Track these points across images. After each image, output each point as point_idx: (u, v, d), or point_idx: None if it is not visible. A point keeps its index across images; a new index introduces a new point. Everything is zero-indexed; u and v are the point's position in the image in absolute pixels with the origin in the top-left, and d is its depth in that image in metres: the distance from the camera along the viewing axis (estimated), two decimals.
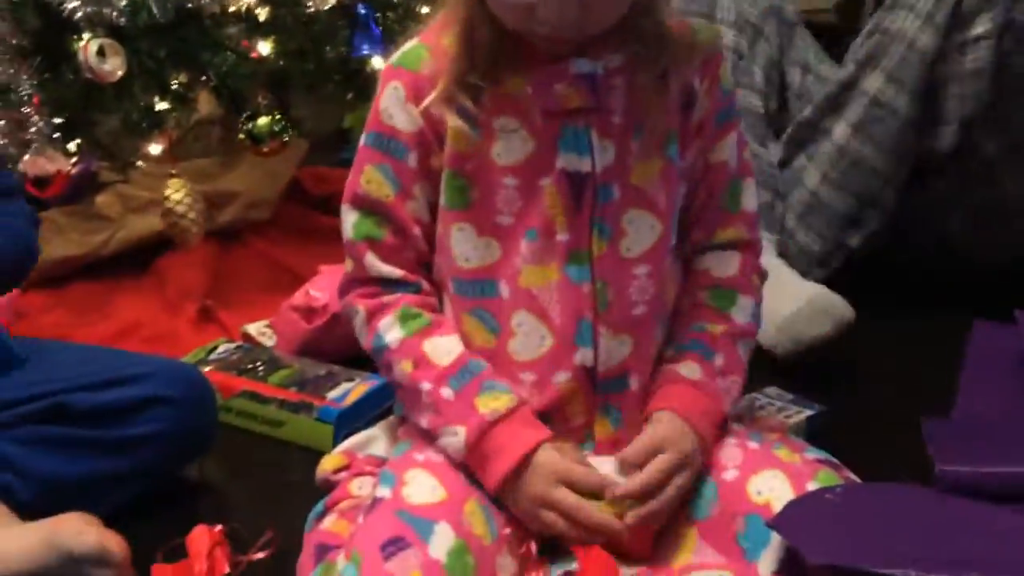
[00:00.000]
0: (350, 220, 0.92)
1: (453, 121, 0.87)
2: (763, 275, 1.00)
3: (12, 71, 1.41)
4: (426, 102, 0.87)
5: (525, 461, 0.85)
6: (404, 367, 0.89)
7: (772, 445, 0.91)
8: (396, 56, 0.92)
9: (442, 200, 0.90)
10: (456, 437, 0.86)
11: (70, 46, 1.43)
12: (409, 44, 0.92)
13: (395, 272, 0.91)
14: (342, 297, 0.95)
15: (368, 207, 0.91)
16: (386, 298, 0.91)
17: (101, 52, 1.38)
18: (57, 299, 1.65)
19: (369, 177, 0.90)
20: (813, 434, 1.14)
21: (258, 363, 1.39)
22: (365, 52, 1.46)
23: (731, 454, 0.89)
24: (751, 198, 0.97)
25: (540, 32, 0.83)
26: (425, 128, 0.89)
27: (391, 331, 0.90)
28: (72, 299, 1.65)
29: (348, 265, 0.94)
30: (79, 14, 1.37)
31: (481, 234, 0.89)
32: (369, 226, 0.91)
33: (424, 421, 0.89)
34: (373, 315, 0.91)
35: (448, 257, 0.91)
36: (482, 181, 0.89)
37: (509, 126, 0.88)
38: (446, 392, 0.87)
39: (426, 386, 0.88)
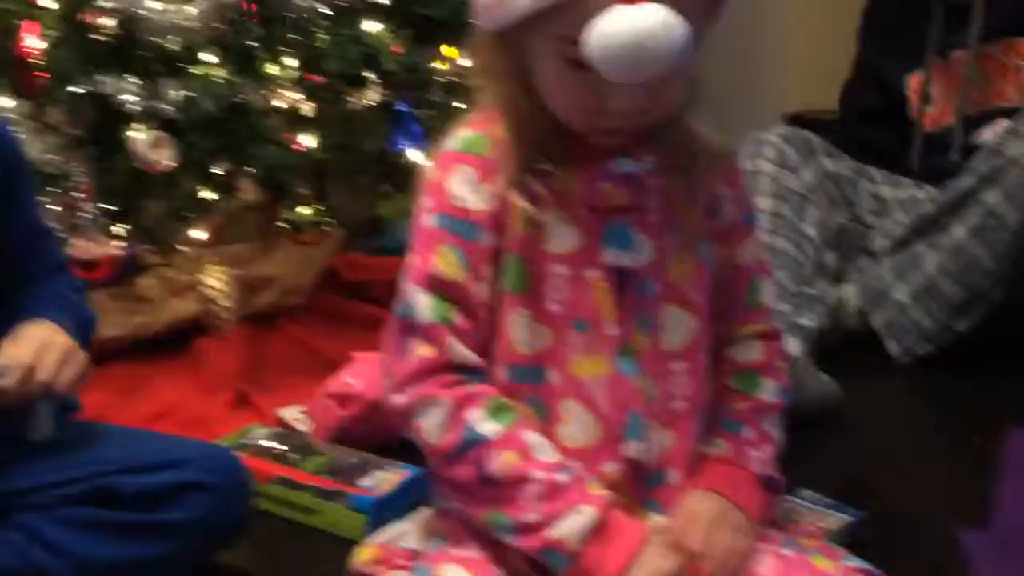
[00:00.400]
0: (423, 303, 0.90)
1: (520, 204, 0.89)
2: (787, 359, 1.04)
3: (67, 159, 1.48)
4: (497, 184, 0.89)
5: (640, 548, 0.86)
6: (508, 459, 0.87)
7: (808, 552, 0.91)
8: (456, 143, 0.93)
9: (504, 284, 0.91)
10: (583, 516, 0.86)
11: (123, 137, 1.49)
12: (465, 132, 0.94)
13: (473, 357, 0.90)
14: (409, 386, 0.90)
15: (441, 289, 0.90)
16: (470, 388, 0.89)
17: (151, 144, 1.44)
18: (98, 380, 1.66)
19: (442, 258, 0.91)
20: (851, 541, 1.13)
21: (292, 449, 1.40)
22: (403, 147, 1.51)
23: (766, 562, 0.89)
24: (768, 294, 1.04)
25: (604, 125, 0.87)
26: (496, 210, 0.90)
27: (485, 424, 0.88)
28: (113, 380, 1.68)
29: (423, 350, 0.90)
30: (135, 108, 1.43)
31: (536, 320, 0.91)
32: (444, 309, 0.90)
33: (530, 513, 0.87)
34: (460, 406, 0.89)
35: (505, 342, 0.91)
36: (536, 268, 0.91)
37: (559, 217, 0.91)
38: (562, 478, 0.87)
39: (539, 475, 0.87)
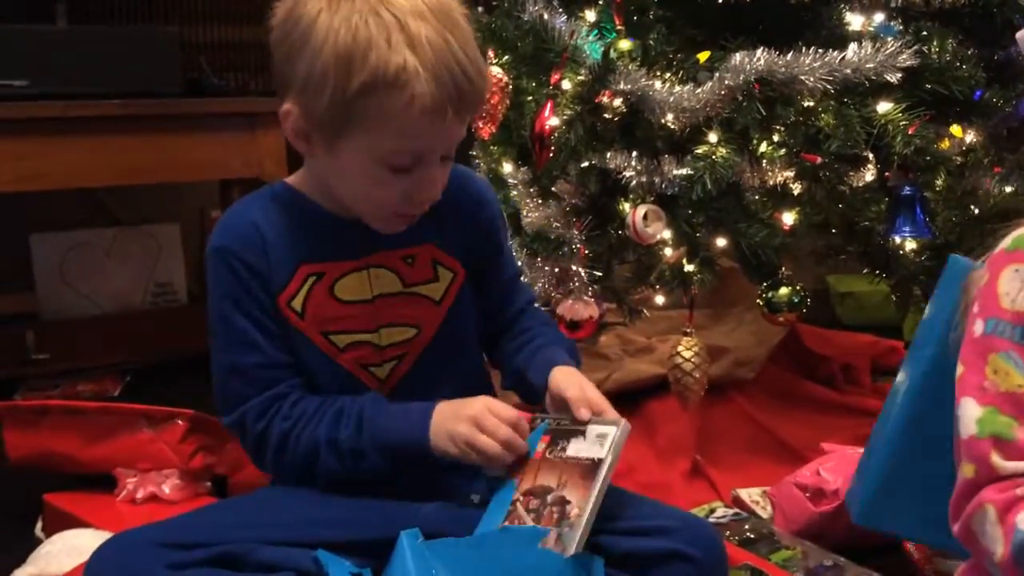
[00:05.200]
0: (973, 415, 0.84)
1: None
2: None
3: (565, 227, 1.58)
4: None
5: None
6: None
7: None
8: (1009, 241, 0.88)
9: None
10: None
11: (618, 208, 1.56)
12: (1022, 231, 0.88)
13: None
14: (966, 502, 0.84)
15: (996, 402, 0.84)
16: (1020, 490, 0.81)
17: (645, 216, 1.49)
18: None
19: (995, 367, 0.84)
20: None
21: (758, 537, 1.37)
22: (906, 234, 1.42)
23: None
24: None
25: None
26: None
27: None
28: None
29: (967, 470, 0.84)
30: (634, 182, 1.49)
31: None
32: (998, 423, 0.83)
33: None
34: (1008, 510, 0.81)
35: None
36: None
37: None
38: None
39: None
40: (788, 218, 1.55)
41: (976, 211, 1.53)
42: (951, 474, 0.91)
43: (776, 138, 1.50)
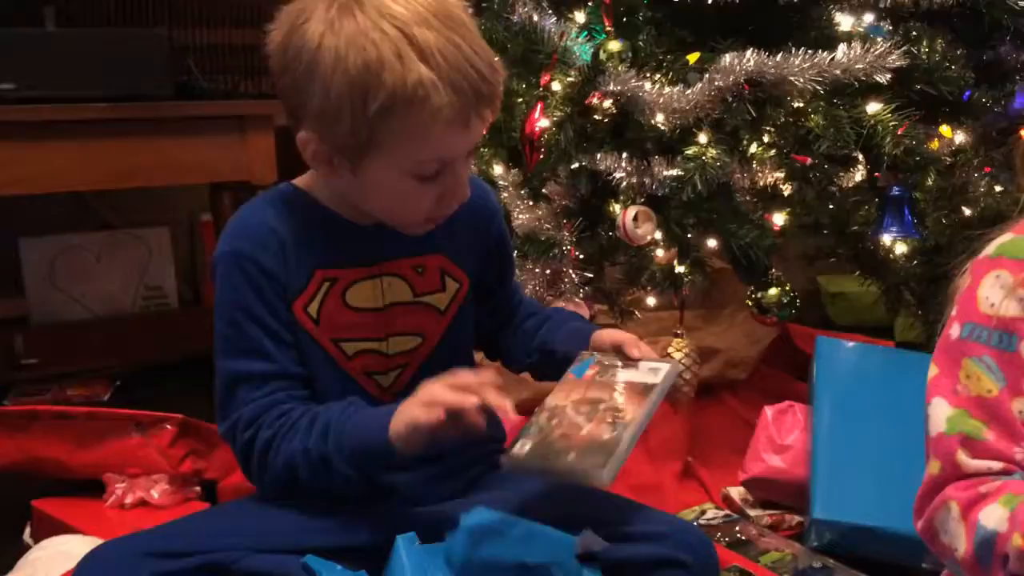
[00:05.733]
0: (943, 414, 0.85)
1: None
2: None
3: (556, 228, 1.57)
4: None
5: None
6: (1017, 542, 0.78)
7: None
8: (992, 248, 0.89)
9: None
10: None
11: (608, 209, 1.56)
12: (1005, 237, 0.89)
13: (993, 465, 0.83)
14: (930, 499, 0.86)
15: (967, 405, 0.85)
16: (984, 488, 0.82)
17: (636, 217, 1.49)
18: None
19: (968, 371, 0.85)
20: None
21: (748, 538, 1.37)
22: (895, 234, 1.42)
23: None
24: None
25: None
26: None
27: (992, 516, 0.80)
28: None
29: (933, 467, 0.86)
30: (624, 184, 1.48)
31: None
32: (967, 425, 0.84)
33: None
34: (971, 507, 0.82)
35: None
36: None
37: None
38: None
39: None
40: (778, 219, 1.55)
41: (966, 212, 1.53)
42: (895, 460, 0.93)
43: (766, 139, 1.51)
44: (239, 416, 1.03)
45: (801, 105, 1.44)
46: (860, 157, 1.48)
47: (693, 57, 1.51)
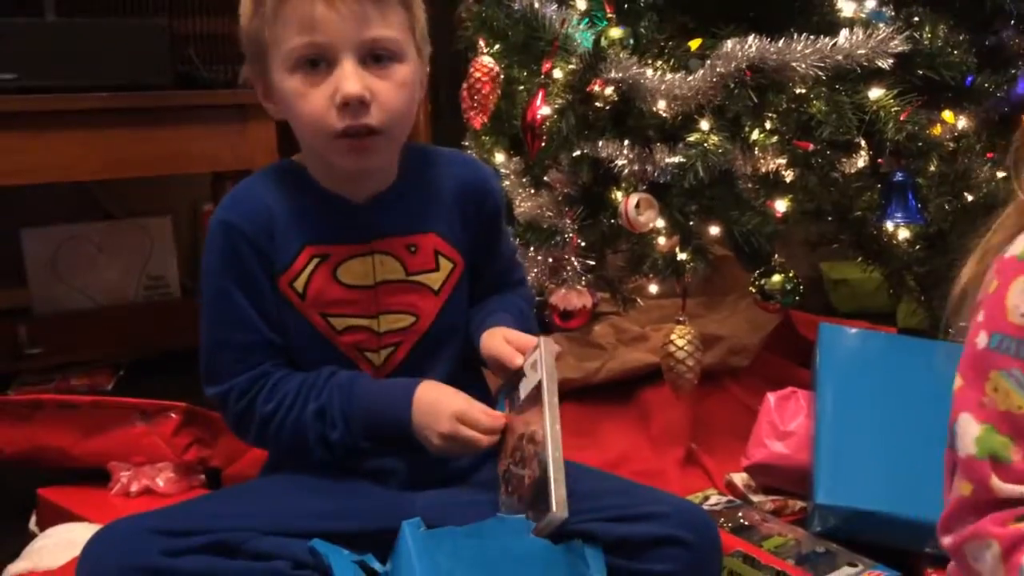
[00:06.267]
0: (971, 433, 0.82)
1: None
2: None
3: (558, 216, 1.57)
4: None
5: None
6: None
7: None
8: (1020, 249, 0.83)
9: None
10: None
11: (610, 197, 1.55)
12: None
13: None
14: (960, 526, 0.82)
15: (994, 420, 0.81)
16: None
17: (638, 205, 1.49)
18: None
19: (996, 385, 0.81)
20: None
21: (751, 523, 1.38)
22: (898, 220, 1.42)
23: None
24: None
25: None
26: None
27: None
28: (565, 421, 1.77)
29: (964, 488, 0.82)
30: (625, 171, 1.48)
31: None
32: (995, 442, 0.81)
33: None
34: (1014, 549, 0.79)
35: None
36: None
37: None
38: None
39: None
40: (780, 206, 1.54)
41: (968, 197, 1.53)
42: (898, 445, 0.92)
43: (768, 125, 1.50)
44: (231, 386, 1.07)
45: (803, 91, 1.43)
46: (862, 143, 1.47)
47: (695, 43, 1.51)
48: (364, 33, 1.00)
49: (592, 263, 1.62)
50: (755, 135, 1.50)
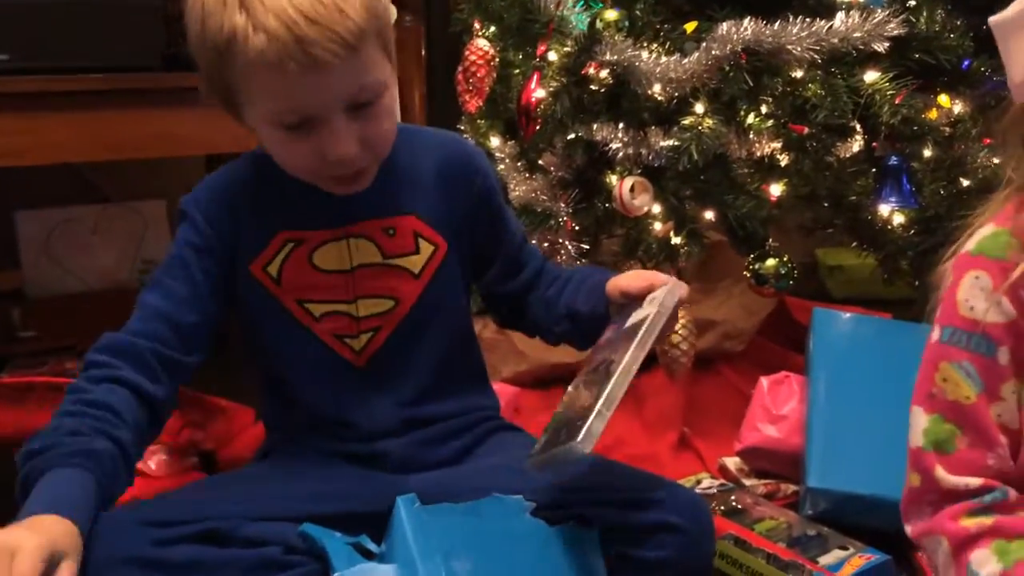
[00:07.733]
0: (920, 425, 0.86)
1: None
2: None
3: (552, 199, 1.57)
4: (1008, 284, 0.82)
5: None
6: None
7: None
8: (973, 244, 0.87)
9: None
10: None
11: (604, 180, 1.55)
12: (986, 230, 0.87)
13: (971, 482, 0.83)
14: (917, 516, 0.87)
15: (941, 409, 0.85)
16: (974, 527, 0.82)
17: (632, 188, 1.48)
18: (548, 401, 1.78)
19: (945, 375, 0.85)
20: None
21: (743, 507, 1.38)
22: (893, 204, 1.41)
23: None
24: None
25: None
26: (1019, 320, 0.82)
27: (986, 566, 0.81)
28: (558, 402, 1.77)
29: (913, 479, 0.87)
30: (620, 154, 1.48)
31: None
32: (942, 431, 0.84)
33: None
34: (961, 548, 0.82)
35: None
36: None
37: None
38: None
39: None
40: (775, 190, 1.54)
41: (964, 182, 1.53)
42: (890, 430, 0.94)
43: (763, 109, 1.49)
44: (109, 337, 1.04)
45: (799, 75, 1.43)
46: (858, 127, 1.47)
47: (690, 26, 1.50)
48: (351, 89, 0.95)
49: (587, 247, 1.61)
50: (750, 119, 1.49)
